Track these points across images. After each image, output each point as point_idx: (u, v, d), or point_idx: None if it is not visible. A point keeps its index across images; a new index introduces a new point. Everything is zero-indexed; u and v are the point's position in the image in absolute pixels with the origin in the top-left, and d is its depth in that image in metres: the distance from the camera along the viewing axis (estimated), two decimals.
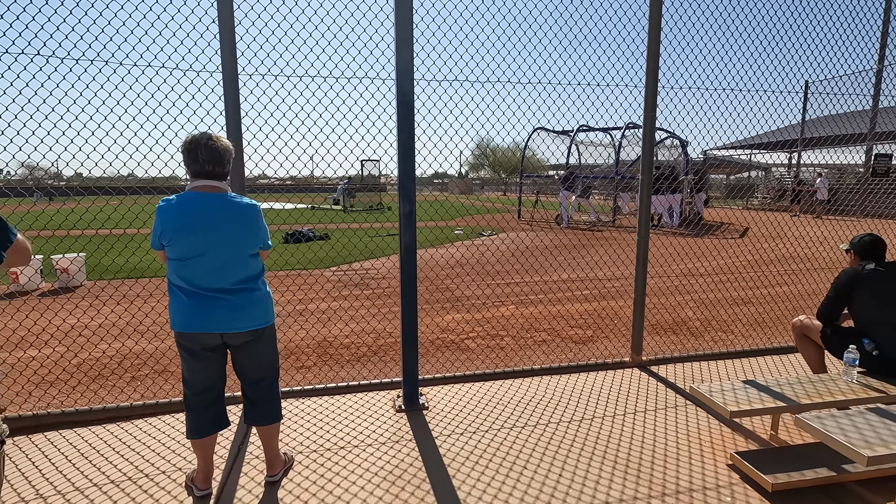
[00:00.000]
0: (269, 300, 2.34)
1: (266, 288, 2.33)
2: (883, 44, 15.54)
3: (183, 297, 2.15)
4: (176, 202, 2.11)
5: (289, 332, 4.64)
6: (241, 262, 2.19)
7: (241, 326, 2.20)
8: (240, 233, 2.17)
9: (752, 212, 20.51)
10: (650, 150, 3.69)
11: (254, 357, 2.32)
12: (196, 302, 2.14)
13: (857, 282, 3.01)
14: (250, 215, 2.21)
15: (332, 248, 9.75)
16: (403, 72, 2.92)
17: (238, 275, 2.19)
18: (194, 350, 2.20)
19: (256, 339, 2.29)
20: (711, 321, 5.21)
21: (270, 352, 2.38)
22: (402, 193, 3.03)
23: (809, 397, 2.63)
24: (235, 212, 2.17)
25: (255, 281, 2.27)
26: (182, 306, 2.14)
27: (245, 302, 2.21)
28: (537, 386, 3.51)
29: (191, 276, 2.13)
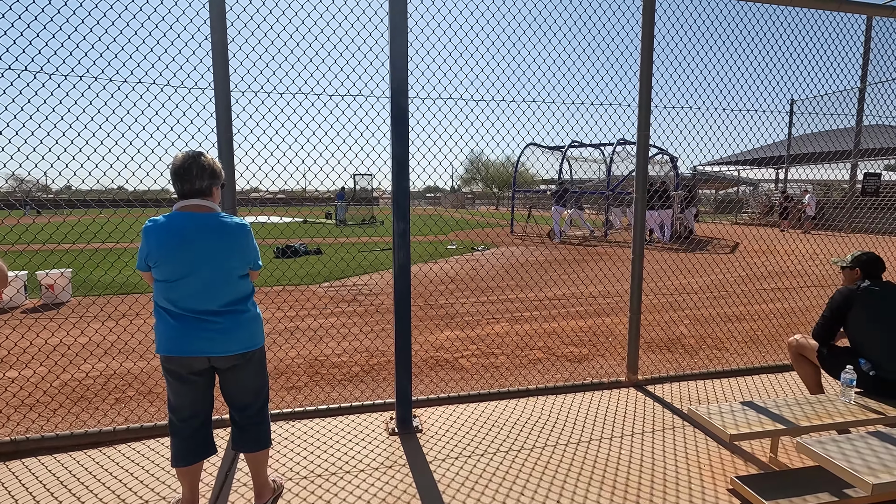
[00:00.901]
0: (259, 322, 2.28)
1: (256, 310, 2.27)
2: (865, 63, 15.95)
3: (169, 320, 2.08)
4: (163, 222, 2.05)
5: (279, 352, 4.54)
6: (229, 283, 2.13)
7: (229, 350, 2.14)
8: (229, 253, 2.12)
9: (742, 227, 20.73)
10: (644, 171, 3.70)
11: (242, 381, 2.25)
12: (183, 324, 2.07)
13: (853, 301, 3.00)
14: (240, 235, 2.16)
15: (324, 263, 9.67)
16: (398, 88, 2.90)
17: (226, 296, 2.13)
18: (181, 374, 2.12)
19: (245, 363, 2.22)
20: (706, 338, 5.19)
21: (259, 376, 2.31)
22: (396, 211, 3.00)
23: (808, 419, 2.60)
24: (225, 232, 2.11)
25: (245, 302, 2.21)
26: (168, 329, 2.08)
27: (233, 324, 2.15)
28: (533, 407, 3.45)
29: (177, 297, 2.06)
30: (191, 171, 2.08)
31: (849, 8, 3.84)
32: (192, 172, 2.09)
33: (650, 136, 3.69)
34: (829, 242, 9.66)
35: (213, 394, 2.26)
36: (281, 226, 10.99)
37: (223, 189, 2.96)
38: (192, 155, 2.12)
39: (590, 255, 11.66)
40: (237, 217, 2.23)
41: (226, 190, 2.99)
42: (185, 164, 2.09)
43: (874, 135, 14.81)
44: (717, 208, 27.91)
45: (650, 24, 3.53)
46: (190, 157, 2.11)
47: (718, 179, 26.96)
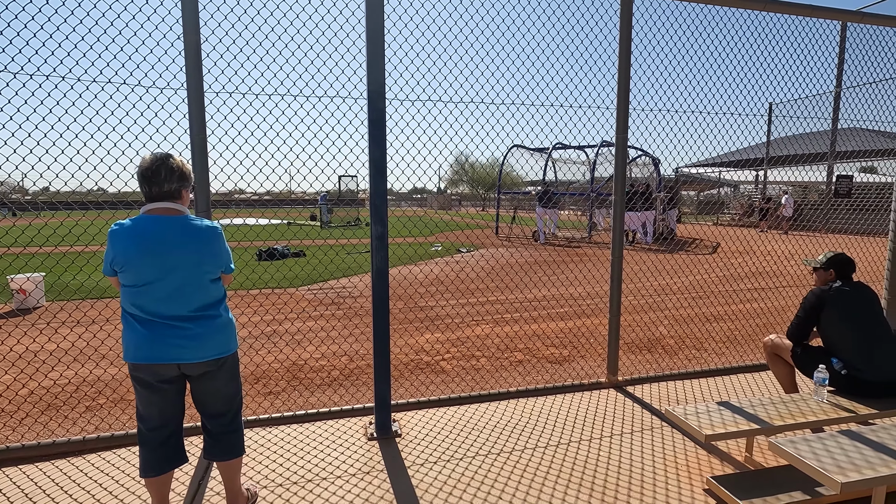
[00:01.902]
0: (232, 327, 2.23)
1: (228, 315, 2.22)
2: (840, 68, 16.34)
3: (137, 326, 2.02)
4: (129, 226, 2.00)
5: (255, 357, 4.47)
6: (200, 287, 2.09)
7: (200, 356, 2.09)
8: (199, 257, 2.07)
9: (722, 227, 21.07)
10: (623, 172, 3.73)
11: (214, 388, 2.20)
12: (151, 331, 2.02)
13: (825, 301, 3.05)
14: (211, 238, 2.11)
15: (307, 265, 9.57)
16: (375, 90, 2.88)
17: (197, 301, 2.08)
18: (150, 382, 2.07)
19: (217, 370, 2.17)
20: (685, 339, 5.25)
21: (233, 382, 2.26)
22: (373, 214, 2.97)
23: (782, 419, 2.63)
24: (194, 235, 2.07)
25: (216, 307, 2.16)
26: (136, 336, 2.02)
27: (205, 330, 2.10)
28: (513, 409, 3.44)
29: (146, 303, 2.01)
30: (159, 173, 2.03)
31: (822, 14, 3.92)
32: (160, 174, 2.04)
33: (629, 138, 3.72)
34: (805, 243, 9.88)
35: (184, 402, 2.21)
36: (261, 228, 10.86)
37: (194, 191, 2.92)
38: (160, 156, 2.07)
39: (573, 256, 11.74)
40: (208, 220, 2.18)
41: (199, 192, 2.94)
42: (153, 165, 2.04)
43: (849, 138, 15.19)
44: (699, 209, 28.35)
45: (627, 27, 3.55)
46: (158, 159, 2.06)
47: (700, 181, 27.40)
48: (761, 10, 3.81)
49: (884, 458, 2.03)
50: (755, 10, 3.83)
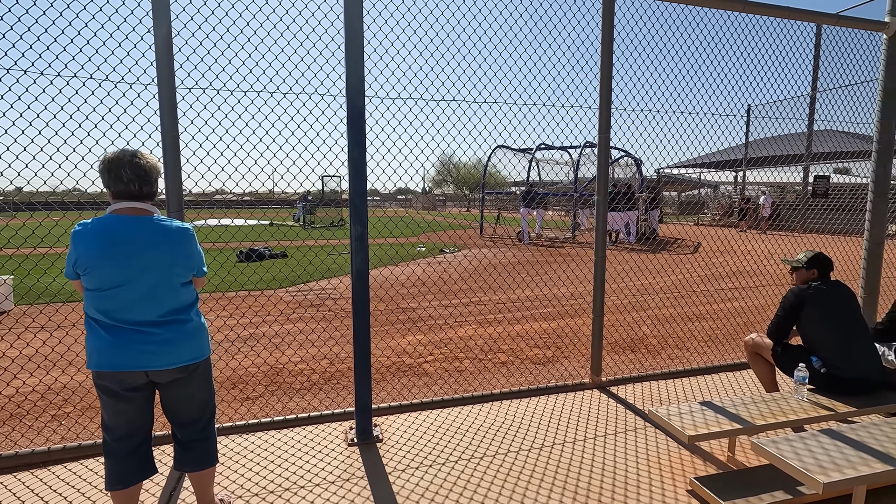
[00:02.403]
0: (204, 332, 2.14)
1: (200, 319, 2.13)
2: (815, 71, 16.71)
3: (102, 332, 1.93)
4: (94, 227, 1.90)
5: (231, 361, 4.35)
6: (170, 291, 2.00)
7: (169, 363, 2.00)
8: (169, 259, 1.98)
9: (703, 227, 21.41)
10: (605, 172, 3.71)
11: (185, 396, 2.11)
12: (117, 337, 1.92)
13: (805, 300, 3.08)
14: (182, 239, 2.02)
15: (288, 266, 9.42)
16: (354, 87, 2.81)
17: (166, 305, 1.99)
18: (115, 391, 1.97)
19: (188, 376, 2.08)
20: (668, 338, 5.27)
21: (205, 389, 2.17)
22: (353, 214, 2.90)
23: (764, 418, 2.63)
24: (164, 236, 1.98)
25: (187, 311, 2.08)
26: (101, 342, 1.92)
27: (175, 335, 2.01)
28: (497, 412, 3.40)
29: (111, 308, 1.91)
30: (126, 171, 1.94)
31: (799, 16, 3.96)
32: (127, 172, 1.94)
33: (612, 137, 3.71)
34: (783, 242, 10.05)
35: (153, 410, 2.12)
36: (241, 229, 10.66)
37: (166, 191, 2.82)
38: (128, 152, 1.98)
39: (557, 256, 11.78)
40: (179, 220, 2.09)
41: (171, 192, 2.84)
42: (119, 162, 1.94)
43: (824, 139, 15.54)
44: (680, 210, 28.77)
45: (609, 26, 3.54)
46: (126, 156, 1.96)
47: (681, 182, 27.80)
48: (741, 11, 3.84)
49: (864, 456, 2.03)
50: (735, 12, 3.85)
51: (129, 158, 1.96)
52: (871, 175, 4.40)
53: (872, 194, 4.38)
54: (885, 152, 4.32)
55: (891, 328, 3.21)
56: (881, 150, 4.32)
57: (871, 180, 4.38)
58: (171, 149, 2.81)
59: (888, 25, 4.15)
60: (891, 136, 4.30)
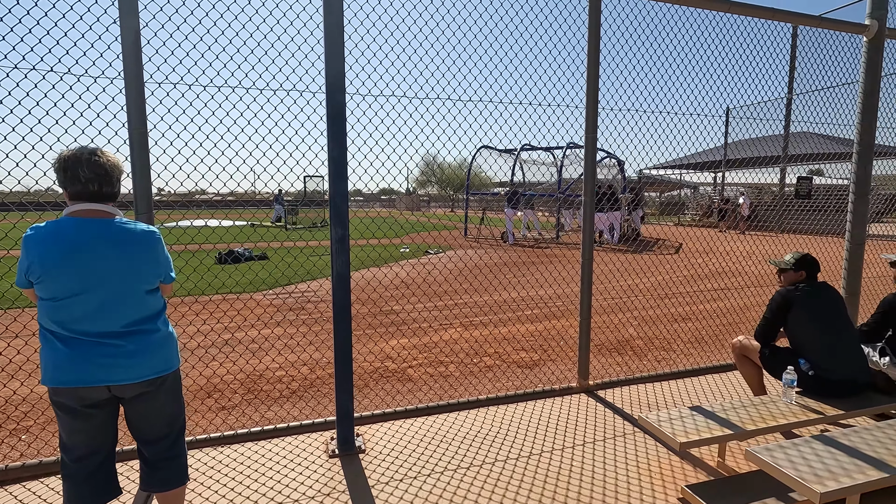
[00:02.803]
0: (172, 342, 2.00)
1: (168, 328, 1.99)
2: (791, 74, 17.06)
3: (58, 345, 1.77)
4: (48, 230, 1.75)
5: (205, 370, 4.18)
6: (133, 299, 1.85)
7: (134, 376, 1.85)
8: (133, 265, 1.84)
9: (684, 227, 21.69)
10: (592, 173, 3.65)
11: (152, 411, 1.97)
12: (75, 350, 1.77)
13: (792, 302, 3.05)
14: (147, 244, 1.88)
15: (268, 268, 9.22)
16: (333, 82, 2.69)
17: (130, 315, 1.85)
18: (73, 408, 1.82)
19: (155, 390, 1.94)
20: (654, 339, 5.25)
21: (173, 403, 2.03)
22: (334, 216, 2.78)
23: (754, 423, 2.59)
24: (127, 240, 1.83)
25: (154, 321, 1.93)
26: (57, 356, 1.77)
27: (140, 347, 1.87)
28: (483, 418, 3.31)
29: (68, 318, 1.77)
30: (84, 169, 1.79)
31: (782, 17, 3.96)
32: (85, 171, 1.80)
33: (598, 138, 3.66)
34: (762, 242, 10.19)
35: (116, 426, 1.97)
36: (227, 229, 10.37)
37: (134, 191, 2.66)
38: (86, 150, 1.83)
39: (542, 256, 11.77)
40: (144, 223, 1.95)
41: (140, 192, 2.68)
42: (76, 160, 1.80)
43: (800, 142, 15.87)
44: (661, 210, 29.12)
45: (596, 25, 3.49)
46: (84, 153, 1.82)
47: (662, 182, 28.14)
48: (725, 11, 3.82)
49: (858, 463, 1.99)
50: (720, 12, 3.84)
51: (88, 156, 1.81)
52: (852, 176, 4.43)
53: (853, 195, 4.40)
54: (865, 154, 4.35)
55: (876, 329, 3.21)
56: (862, 151, 4.35)
57: (853, 182, 4.41)
58: (138, 147, 2.65)
59: (868, 28, 4.18)
60: (871, 138, 4.34)
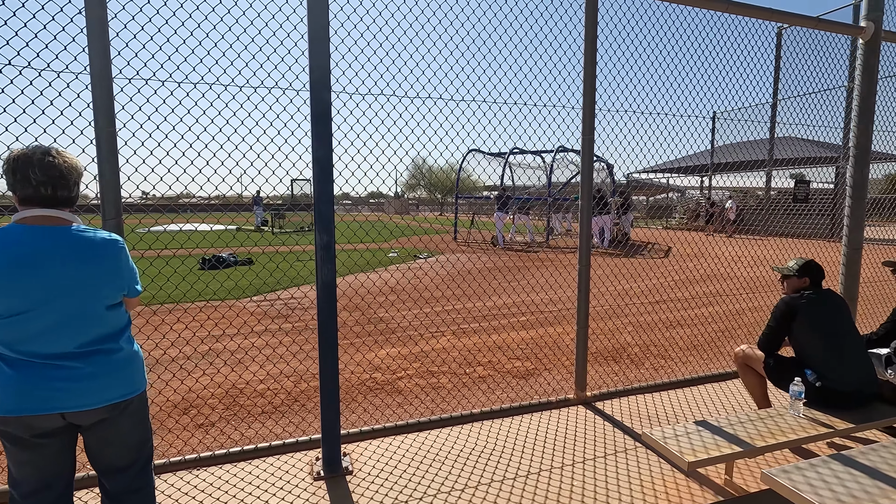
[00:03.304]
0: (137, 361, 1.81)
1: (132, 346, 1.80)
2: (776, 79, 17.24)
3: (6, 368, 1.58)
4: None
5: (185, 382, 3.95)
6: (92, 316, 1.66)
7: (92, 402, 1.66)
8: (92, 278, 1.65)
9: (672, 231, 21.78)
10: (589, 176, 3.52)
11: (114, 440, 1.77)
12: (23, 373, 1.58)
13: (797, 310, 2.94)
14: (108, 254, 1.69)
15: (253, 274, 8.96)
16: (318, 78, 2.52)
17: (87, 333, 1.65)
18: (21, 438, 1.62)
19: (118, 416, 1.74)
20: (650, 346, 5.14)
21: (139, 429, 1.84)
22: (318, 221, 2.60)
23: (763, 439, 2.47)
24: (85, 250, 1.65)
25: (116, 339, 1.74)
26: (5, 381, 1.57)
27: (100, 369, 1.68)
28: (477, 434, 3.14)
29: (15, 339, 1.57)
30: (35, 171, 1.60)
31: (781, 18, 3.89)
32: (36, 173, 1.61)
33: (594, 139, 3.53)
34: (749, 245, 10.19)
35: (73, 456, 1.77)
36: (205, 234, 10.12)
37: (101, 195, 2.46)
38: (38, 150, 1.64)
39: (532, 261, 11.66)
40: (106, 231, 1.76)
41: (108, 195, 2.48)
42: (26, 161, 1.61)
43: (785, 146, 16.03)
44: (649, 214, 29.28)
45: (593, 26, 3.36)
46: (36, 153, 1.63)
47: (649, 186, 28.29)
48: (723, 11, 3.73)
49: (882, 486, 1.86)
50: (718, 12, 3.74)
51: (41, 156, 1.62)
52: (848, 180, 4.36)
53: (850, 199, 4.33)
54: (862, 157, 4.29)
55: (886, 338, 3.11)
56: (858, 154, 4.29)
57: (849, 185, 4.34)
58: (107, 147, 2.46)
59: (864, 30, 4.12)
60: (868, 141, 4.28)
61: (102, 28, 2.40)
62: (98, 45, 2.39)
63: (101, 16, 2.40)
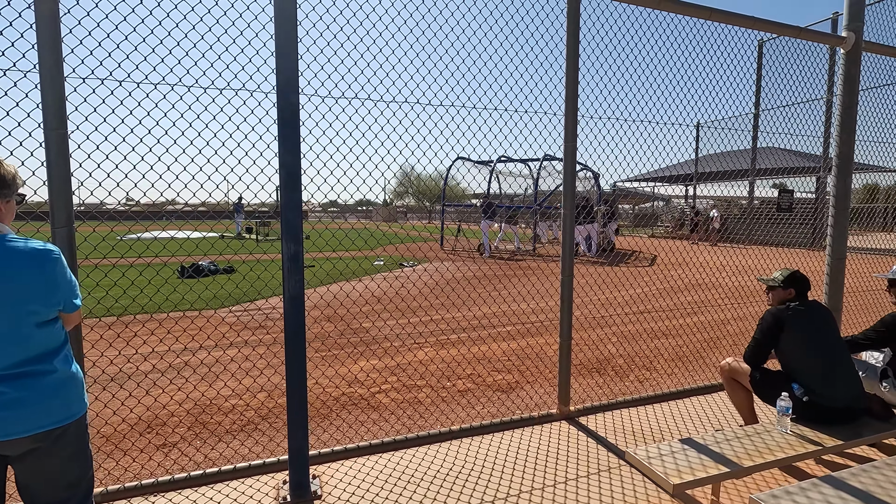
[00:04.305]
0: (74, 384, 1.65)
1: (69, 367, 1.64)
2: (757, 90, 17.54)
3: None
4: None
5: (147, 398, 3.76)
6: (18, 334, 1.50)
7: (18, 430, 1.50)
8: (19, 291, 1.49)
9: (657, 240, 21.92)
10: (572, 184, 3.43)
11: (47, 472, 1.60)
12: None
13: (783, 323, 2.87)
14: (37, 265, 1.54)
15: (233, 282, 8.74)
16: (286, 79, 2.39)
17: (13, 354, 1.50)
18: None
19: (50, 445, 1.58)
20: (635, 358, 5.05)
21: (76, 461, 1.67)
22: (286, 230, 2.46)
23: (751, 458, 2.37)
24: (9, 261, 1.49)
25: (49, 360, 1.58)
26: None
27: (28, 393, 1.52)
28: (456, 453, 3.00)
29: None
30: None
31: (763, 27, 3.86)
32: None
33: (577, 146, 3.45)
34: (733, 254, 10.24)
35: (2, 488, 1.60)
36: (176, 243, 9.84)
37: (51, 201, 2.31)
38: None
39: (518, 269, 11.58)
40: (39, 240, 1.60)
41: (58, 201, 2.32)
42: None
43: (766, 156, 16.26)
44: (634, 222, 29.49)
45: (574, 31, 3.29)
46: None
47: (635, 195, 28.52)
48: (706, 19, 3.69)
49: None
50: (701, 19, 3.70)
51: None
52: (831, 190, 4.34)
53: (833, 209, 4.31)
54: (844, 167, 4.27)
55: (869, 346, 3.05)
56: (841, 164, 4.27)
57: (832, 195, 4.32)
58: (57, 150, 2.30)
59: (846, 40, 4.12)
60: (850, 151, 4.26)
61: (54, 23, 2.25)
62: (48, 42, 2.24)
63: (53, 9, 2.26)
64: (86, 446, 1.71)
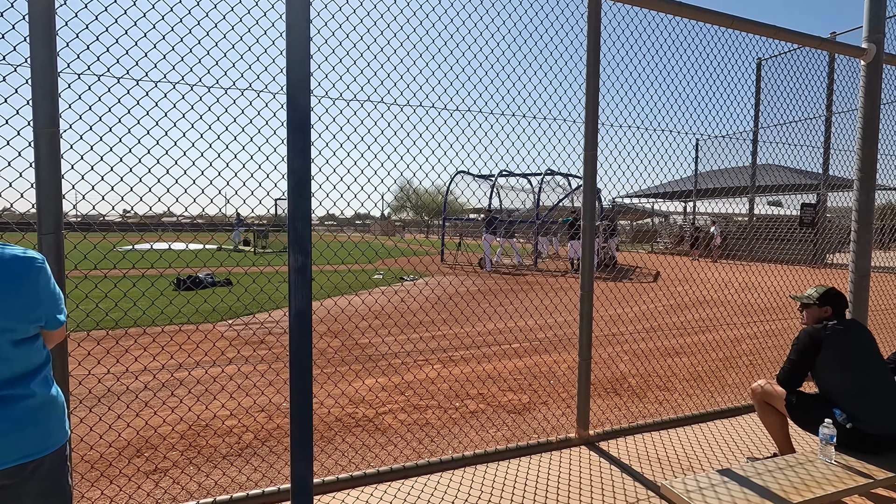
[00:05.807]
0: (54, 409, 1.45)
1: (49, 390, 1.44)
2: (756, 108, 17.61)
3: None
4: None
5: (139, 419, 3.52)
6: None
7: None
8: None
9: (657, 255, 21.82)
10: (592, 195, 3.27)
11: None
12: None
13: (821, 343, 2.68)
14: (16, 275, 1.35)
15: (232, 296, 8.51)
16: (297, 79, 2.23)
17: None
18: None
19: (23, 481, 1.37)
20: (650, 377, 4.84)
21: (54, 496, 1.46)
22: (293, 241, 2.27)
23: (798, 493, 2.17)
24: None
25: (26, 383, 1.39)
26: None
27: (2, 420, 1.31)
28: (471, 481, 2.78)
29: None
30: None
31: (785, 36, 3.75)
32: None
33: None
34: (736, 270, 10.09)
35: None
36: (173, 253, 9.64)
37: (38, 206, 2.13)
38: None
39: (520, 284, 11.39)
40: (20, 247, 1.42)
41: (46, 205, 2.13)
42: None
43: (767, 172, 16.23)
44: (634, 238, 29.45)
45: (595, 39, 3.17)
46: None
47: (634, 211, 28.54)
48: (728, 27, 3.58)
49: None
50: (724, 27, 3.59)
51: None
52: (854, 205, 4.20)
53: (856, 224, 4.16)
54: (867, 181, 4.13)
55: None
56: (863, 178, 4.13)
57: (855, 210, 4.18)
58: (47, 151, 2.12)
59: (866, 52, 4.01)
60: (873, 165, 4.13)
61: (49, 16, 2.10)
62: (41, 35, 2.08)
63: (48, 1, 2.10)
64: (65, 482, 1.50)
